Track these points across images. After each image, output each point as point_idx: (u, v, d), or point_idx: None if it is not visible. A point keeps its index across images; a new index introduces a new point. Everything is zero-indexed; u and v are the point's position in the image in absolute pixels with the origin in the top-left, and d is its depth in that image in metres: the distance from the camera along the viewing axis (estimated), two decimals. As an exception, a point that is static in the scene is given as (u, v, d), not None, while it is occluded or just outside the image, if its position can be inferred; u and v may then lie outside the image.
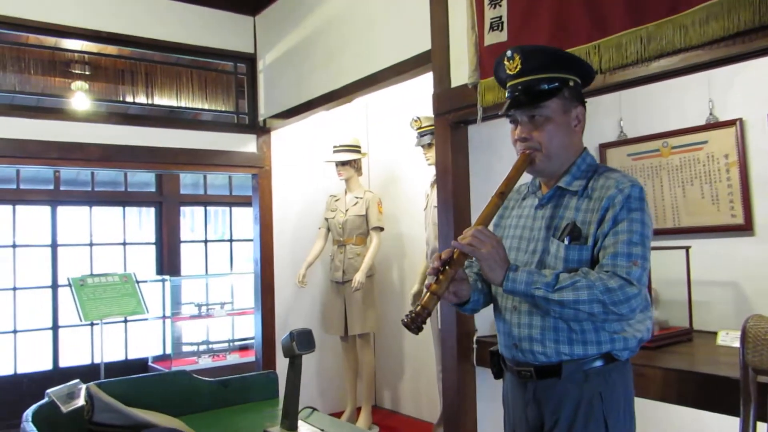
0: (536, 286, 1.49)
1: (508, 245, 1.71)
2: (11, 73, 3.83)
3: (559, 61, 1.64)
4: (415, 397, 4.68)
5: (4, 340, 5.28)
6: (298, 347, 1.58)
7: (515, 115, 1.65)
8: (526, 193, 1.80)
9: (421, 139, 3.84)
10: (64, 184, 5.64)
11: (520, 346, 1.63)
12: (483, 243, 1.51)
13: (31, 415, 1.48)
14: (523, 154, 1.63)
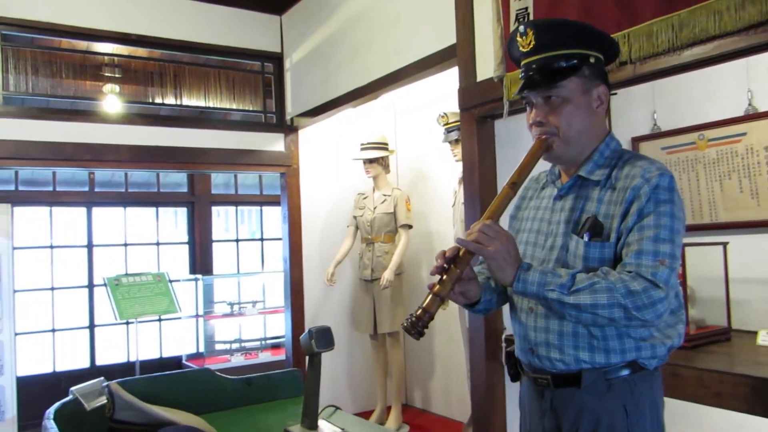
0: (550, 288, 1.34)
1: (524, 240, 1.58)
2: (45, 77, 3.91)
3: (577, 35, 1.48)
4: (446, 396, 4.64)
5: (43, 338, 5.40)
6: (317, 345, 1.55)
7: (529, 96, 1.51)
8: (545, 182, 1.64)
9: (448, 135, 3.80)
10: (98, 185, 5.75)
11: (536, 351, 1.49)
12: (491, 240, 1.36)
13: (53, 412, 1.50)
14: (539, 140, 1.47)
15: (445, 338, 4.58)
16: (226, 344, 5.85)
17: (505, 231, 1.40)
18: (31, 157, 3.65)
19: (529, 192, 1.69)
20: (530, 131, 1.54)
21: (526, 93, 1.51)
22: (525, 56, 1.50)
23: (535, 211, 1.61)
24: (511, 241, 1.40)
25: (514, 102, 2.56)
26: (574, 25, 1.52)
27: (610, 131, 1.56)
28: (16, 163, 3.67)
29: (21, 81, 3.76)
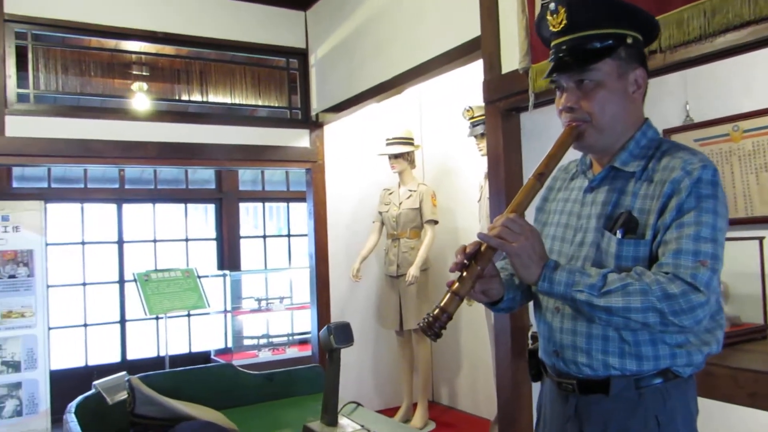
0: (578, 288, 1.23)
1: (552, 234, 1.47)
2: (75, 75, 3.96)
3: (613, 13, 1.35)
4: (473, 393, 4.59)
5: (76, 333, 5.51)
6: (336, 341, 1.53)
7: (559, 80, 1.38)
8: (575, 172, 1.51)
9: (474, 129, 3.75)
10: (128, 182, 5.83)
11: (561, 354, 1.38)
12: (515, 235, 1.25)
13: (75, 406, 1.51)
14: (569, 128, 1.35)
15: (472, 334, 4.53)
16: (254, 340, 5.89)
17: (530, 226, 1.30)
18: (62, 154, 3.71)
19: (557, 182, 1.57)
20: (559, 118, 1.42)
21: (555, 76, 1.39)
22: (555, 36, 1.38)
23: (564, 203, 1.50)
24: (537, 237, 1.30)
25: (539, 94, 2.51)
26: (610, 1, 1.37)
27: (647, 119, 1.43)
28: (48, 160, 3.74)
29: (51, 80, 3.81)
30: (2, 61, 3.55)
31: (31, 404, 4.41)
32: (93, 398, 1.60)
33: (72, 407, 1.49)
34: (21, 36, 3.67)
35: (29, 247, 4.51)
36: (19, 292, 4.46)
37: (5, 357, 4.37)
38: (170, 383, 1.80)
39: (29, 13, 3.64)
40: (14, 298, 4.44)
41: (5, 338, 4.37)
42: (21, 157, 3.60)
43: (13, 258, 4.47)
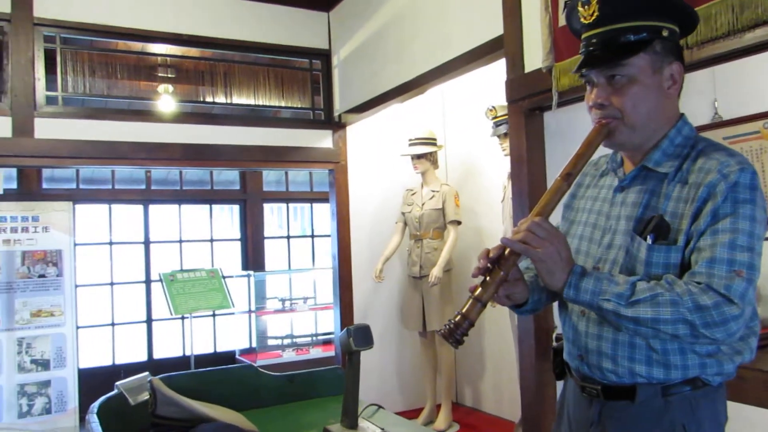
0: (605, 297, 1.19)
1: (579, 233, 1.42)
2: (102, 78, 4.02)
3: (648, 3, 1.27)
4: (497, 395, 4.56)
5: (103, 332, 5.59)
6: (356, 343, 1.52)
7: (590, 75, 1.31)
8: (605, 169, 1.44)
9: (497, 129, 3.72)
10: (155, 183, 5.91)
11: (586, 358, 1.33)
12: (540, 240, 1.21)
13: (97, 407, 1.52)
14: (598, 125, 1.28)
15: (496, 335, 4.50)
16: (278, 340, 5.92)
17: (556, 230, 1.25)
18: (90, 156, 3.76)
19: (586, 179, 1.50)
20: (589, 114, 1.35)
21: (585, 71, 1.32)
22: (587, 29, 1.31)
23: (593, 202, 1.43)
24: (563, 242, 1.25)
25: (563, 93, 2.48)
26: None
27: (683, 114, 1.36)
28: (76, 162, 3.80)
29: (79, 82, 3.87)
30: (32, 64, 3.62)
31: (60, 402, 4.48)
32: (115, 399, 1.61)
33: (94, 408, 1.51)
34: (49, 39, 3.73)
35: (58, 247, 4.59)
36: (48, 291, 4.54)
37: (35, 355, 4.45)
38: (192, 384, 1.81)
39: (58, 17, 3.69)
40: (44, 297, 4.52)
41: (35, 337, 4.46)
42: (50, 159, 3.66)
43: (43, 258, 4.55)
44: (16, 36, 3.58)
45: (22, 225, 4.52)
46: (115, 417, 1.54)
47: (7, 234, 4.48)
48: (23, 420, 4.35)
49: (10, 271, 4.45)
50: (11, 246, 4.48)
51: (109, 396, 1.61)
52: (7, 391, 4.32)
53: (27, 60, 3.61)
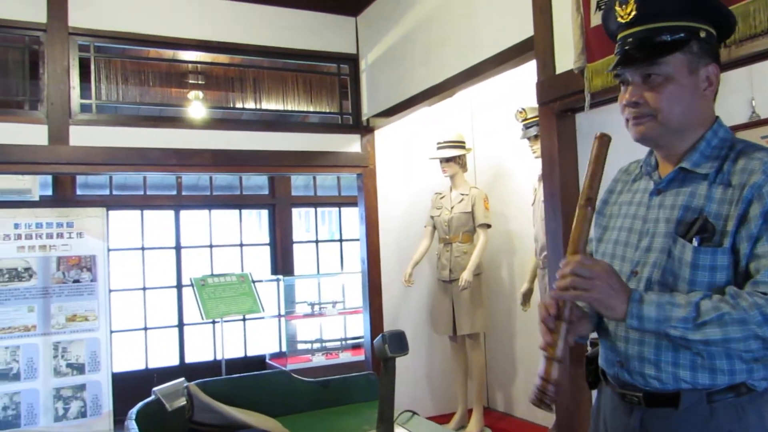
0: (671, 324, 1.17)
1: (614, 238, 1.39)
2: (134, 86, 4.08)
3: (687, 4, 1.26)
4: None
5: (136, 336, 5.67)
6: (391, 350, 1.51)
7: (625, 74, 1.30)
8: (638, 173, 1.43)
9: (527, 131, 3.68)
10: (185, 189, 5.98)
11: (626, 365, 1.30)
12: (588, 281, 1.18)
13: (135, 413, 1.53)
14: (597, 139, 1.27)
15: (527, 339, 4.45)
16: (308, 344, 5.94)
17: (600, 263, 1.23)
18: (123, 162, 3.82)
19: (617, 185, 1.49)
20: (622, 114, 1.33)
21: (620, 70, 1.31)
22: (623, 28, 1.31)
23: (627, 206, 1.41)
24: (612, 273, 1.21)
25: (596, 94, 2.45)
26: None
27: (718, 117, 1.35)
28: (109, 168, 3.86)
29: (112, 90, 3.94)
30: (67, 73, 3.69)
31: (95, 406, 4.54)
32: (153, 404, 1.62)
33: (133, 414, 1.52)
34: (84, 48, 3.80)
35: (92, 252, 4.66)
36: (83, 296, 4.62)
37: (70, 359, 4.52)
38: (226, 389, 1.82)
39: (92, 26, 3.76)
40: (78, 302, 4.59)
41: (70, 341, 4.53)
42: (84, 166, 3.72)
43: (77, 263, 4.63)
44: (51, 45, 3.66)
45: (57, 231, 4.60)
46: (153, 423, 1.56)
47: (43, 240, 4.56)
48: (59, 423, 4.42)
49: (46, 277, 4.53)
50: (47, 252, 4.56)
51: (147, 402, 1.63)
52: (43, 394, 4.40)
53: (62, 69, 3.68)
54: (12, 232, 4.48)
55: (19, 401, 4.35)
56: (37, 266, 4.51)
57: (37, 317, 4.46)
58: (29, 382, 4.39)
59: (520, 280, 4.41)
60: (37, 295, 4.50)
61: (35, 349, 4.43)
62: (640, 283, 1.30)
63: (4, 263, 4.42)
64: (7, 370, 4.35)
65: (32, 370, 4.41)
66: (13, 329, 4.40)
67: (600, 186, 1.27)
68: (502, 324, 4.66)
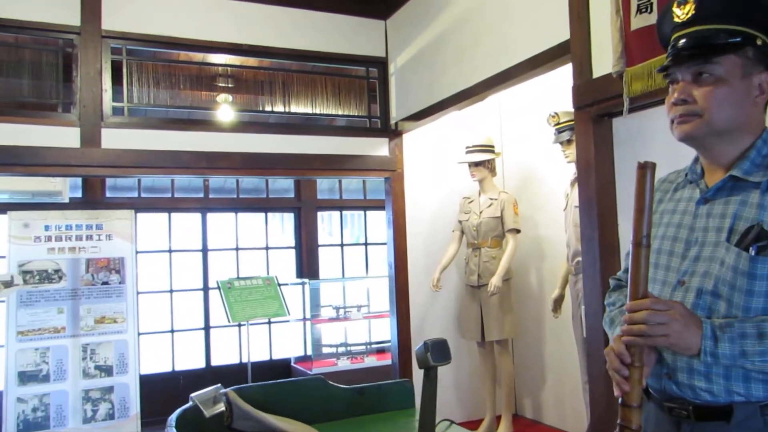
0: (748, 359, 1.14)
1: (656, 248, 1.35)
2: (165, 89, 4.11)
3: (747, 9, 1.23)
4: (559, 407, 4.44)
5: (163, 339, 5.70)
6: (434, 358, 1.48)
7: (675, 73, 1.28)
8: (681, 181, 1.41)
9: (560, 136, 3.63)
10: (212, 192, 6.01)
11: (674, 377, 1.26)
12: (663, 327, 1.15)
13: (175, 419, 1.52)
14: (638, 170, 1.19)
15: (556, 346, 4.39)
16: (333, 348, 5.93)
17: (674, 305, 1.18)
18: (153, 165, 3.84)
19: (657, 194, 1.45)
20: (668, 115, 1.31)
21: (672, 69, 1.29)
22: (679, 28, 1.29)
23: (670, 215, 1.38)
24: (686, 314, 1.17)
25: (634, 98, 2.40)
26: None
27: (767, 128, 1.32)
28: (140, 171, 3.88)
29: (144, 93, 3.97)
30: (99, 76, 3.72)
31: (123, 408, 4.56)
32: (191, 411, 1.61)
33: (172, 420, 1.51)
34: (116, 51, 3.83)
35: (121, 254, 4.69)
36: (111, 298, 4.65)
37: (99, 361, 4.55)
38: (261, 396, 1.80)
39: (124, 29, 3.79)
40: (107, 304, 4.62)
41: (99, 343, 4.56)
42: (116, 169, 3.75)
43: (106, 265, 4.67)
44: (85, 48, 3.69)
45: (87, 233, 4.64)
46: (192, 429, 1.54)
47: (72, 242, 4.60)
48: (88, 425, 4.45)
49: (75, 278, 4.57)
50: (76, 254, 4.60)
51: (185, 408, 1.61)
52: (72, 396, 4.43)
53: (95, 72, 3.71)
54: (42, 234, 4.53)
55: (48, 403, 4.38)
56: (66, 268, 4.55)
57: (67, 319, 4.49)
58: (58, 384, 4.42)
59: (549, 286, 4.35)
60: (67, 297, 4.53)
61: (64, 351, 4.47)
62: (688, 293, 1.27)
63: (34, 265, 4.47)
64: (37, 371, 4.39)
65: (61, 371, 4.44)
66: (43, 331, 4.45)
67: (651, 220, 1.21)
68: (531, 330, 4.61)
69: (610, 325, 1.47)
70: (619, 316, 1.43)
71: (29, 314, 4.41)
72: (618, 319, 1.43)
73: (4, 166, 3.53)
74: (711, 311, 1.23)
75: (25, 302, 4.40)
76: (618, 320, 1.43)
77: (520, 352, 4.76)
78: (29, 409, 4.33)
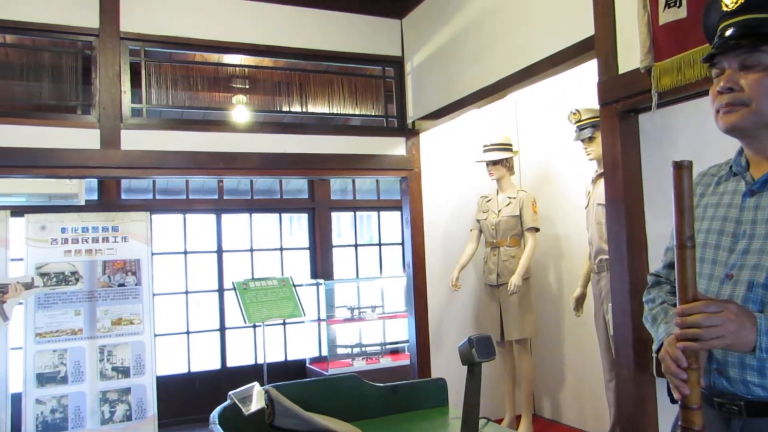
0: None
1: (702, 241, 1.33)
2: (182, 90, 4.11)
3: None
4: (578, 407, 4.41)
5: (179, 340, 5.70)
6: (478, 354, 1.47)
7: (722, 62, 1.28)
8: (724, 174, 1.39)
9: (581, 133, 3.60)
10: (227, 193, 6.00)
11: (725, 372, 1.23)
12: (721, 329, 1.11)
13: (217, 416, 1.51)
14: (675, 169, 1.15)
15: (576, 346, 4.36)
16: (347, 348, 5.92)
17: (723, 303, 1.15)
18: (171, 166, 3.84)
19: (698, 188, 1.43)
20: (712, 105, 1.31)
21: (718, 58, 1.28)
22: (726, 17, 1.28)
23: (714, 208, 1.36)
24: (741, 313, 1.14)
25: (662, 94, 2.38)
26: None
27: None
28: (159, 172, 3.87)
29: (162, 94, 3.97)
30: (118, 78, 3.72)
31: (140, 409, 4.56)
32: (230, 409, 1.60)
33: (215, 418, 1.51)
34: (134, 53, 3.83)
35: (136, 256, 4.70)
36: (128, 300, 4.65)
37: (116, 363, 4.56)
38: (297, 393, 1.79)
39: (142, 30, 3.79)
40: (123, 305, 4.63)
41: (115, 344, 4.56)
42: (135, 170, 3.75)
43: (122, 267, 4.67)
44: (104, 50, 3.69)
45: (103, 235, 4.65)
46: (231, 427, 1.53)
47: (89, 244, 4.61)
48: (106, 426, 4.45)
49: (92, 281, 4.58)
50: (93, 256, 4.61)
51: (224, 406, 1.61)
52: (90, 397, 4.44)
53: (114, 73, 3.71)
54: (59, 237, 4.54)
55: (66, 404, 4.39)
56: (83, 270, 4.56)
57: (84, 321, 4.50)
58: (76, 385, 4.43)
59: (568, 285, 4.33)
60: (84, 299, 4.54)
61: (82, 353, 4.47)
62: (737, 286, 1.25)
63: (52, 267, 4.48)
64: (55, 373, 4.40)
65: (79, 373, 4.45)
66: (60, 332, 4.45)
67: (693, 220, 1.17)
68: (550, 329, 4.58)
69: (652, 323, 1.45)
70: (661, 314, 1.42)
71: (47, 316, 4.42)
72: (660, 316, 1.42)
73: (25, 168, 3.53)
74: (763, 304, 1.21)
75: (43, 304, 4.41)
76: (660, 318, 1.41)
77: (538, 351, 4.74)
78: (48, 411, 4.34)
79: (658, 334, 1.37)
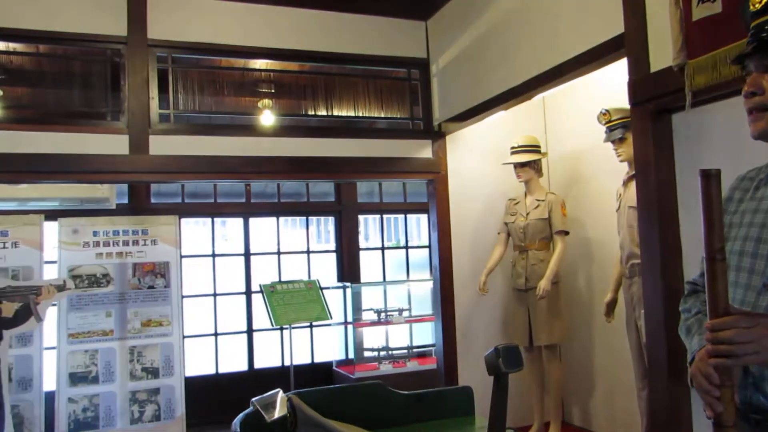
0: None
1: (737, 249, 1.28)
2: (209, 95, 4.14)
3: None
4: (609, 415, 4.31)
5: (207, 342, 5.74)
6: (505, 365, 1.43)
7: (749, 64, 1.24)
8: (763, 178, 1.32)
9: (611, 134, 3.52)
10: (254, 196, 6.04)
11: (762, 387, 1.17)
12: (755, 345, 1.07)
13: (239, 423, 1.50)
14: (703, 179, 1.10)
15: (606, 352, 4.27)
16: (374, 352, 5.89)
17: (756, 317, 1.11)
18: (199, 170, 3.86)
19: (736, 193, 1.38)
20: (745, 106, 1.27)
21: (746, 60, 1.24)
22: (753, 17, 1.23)
23: (752, 215, 1.29)
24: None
25: (697, 93, 2.31)
26: None
27: None
28: (187, 176, 3.91)
29: (189, 100, 4.00)
30: (146, 84, 3.76)
31: (168, 410, 4.60)
32: (252, 415, 1.59)
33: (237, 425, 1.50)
34: (162, 59, 3.87)
35: (166, 259, 4.74)
36: (157, 302, 4.70)
37: (145, 363, 4.60)
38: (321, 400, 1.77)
39: (170, 37, 3.83)
40: (153, 307, 4.68)
41: (145, 345, 4.61)
42: (164, 174, 3.79)
43: (152, 270, 4.72)
44: (132, 57, 3.74)
45: (133, 238, 4.70)
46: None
47: (119, 247, 4.67)
48: (135, 426, 4.50)
49: (122, 283, 4.64)
50: (123, 258, 4.67)
51: (247, 412, 1.60)
52: (120, 397, 4.49)
53: (142, 80, 3.75)
54: (91, 240, 4.60)
55: (97, 403, 4.45)
56: (114, 272, 4.61)
57: (114, 322, 4.56)
58: (107, 385, 4.49)
59: (599, 290, 4.24)
60: (115, 301, 4.60)
61: (113, 353, 4.53)
62: None
63: (83, 270, 4.55)
64: (87, 372, 4.46)
65: (110, 373, 4.51)
66: (92, 333, 4.52)
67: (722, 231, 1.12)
68: (580, 335, 4.49)
69: (686, 334, 1.39)
70: (696, 325, 1.36)
71: (79, 317, 4.49)
72: (695, 327, 1.36)
73: (57, 173, 3.60)
74: None
75: (75, 306, 4.48)
76: (695, 329, 1.35)
77: (568, 357, 4.65)
78: (80, 410, 4.41)
79: (692, 346, 1.31)
